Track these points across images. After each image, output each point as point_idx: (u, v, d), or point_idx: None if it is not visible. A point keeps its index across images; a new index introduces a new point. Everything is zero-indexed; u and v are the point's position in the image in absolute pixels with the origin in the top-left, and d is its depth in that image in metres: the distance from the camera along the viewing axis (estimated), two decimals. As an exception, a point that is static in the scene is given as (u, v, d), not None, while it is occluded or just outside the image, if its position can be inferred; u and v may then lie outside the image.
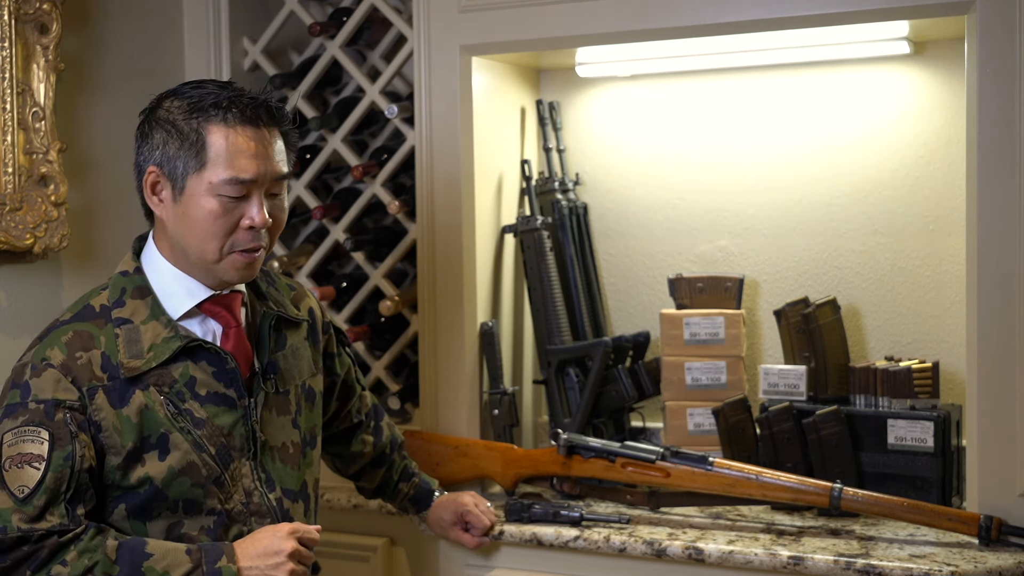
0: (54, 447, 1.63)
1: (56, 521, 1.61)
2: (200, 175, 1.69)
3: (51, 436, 1.63)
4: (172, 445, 1.70)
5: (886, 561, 1.97)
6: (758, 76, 2.57)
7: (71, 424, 1.65)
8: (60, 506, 1.62)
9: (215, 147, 1.69)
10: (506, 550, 2.29)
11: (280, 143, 1.75)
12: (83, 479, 1.64)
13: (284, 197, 1.79)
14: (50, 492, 1.61)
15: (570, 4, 2.34)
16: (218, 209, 1.70)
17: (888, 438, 2.24)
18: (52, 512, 1.61)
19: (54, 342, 1.70)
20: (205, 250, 1.72)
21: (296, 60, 2.86)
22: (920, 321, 2.46)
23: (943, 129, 2.42)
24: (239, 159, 1.69)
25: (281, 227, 1.79)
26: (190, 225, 1.72)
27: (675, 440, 2.47)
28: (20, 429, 1.64)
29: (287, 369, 1.86)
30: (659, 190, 2.67)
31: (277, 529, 1.72)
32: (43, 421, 1.64)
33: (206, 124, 1.69)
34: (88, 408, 1.67)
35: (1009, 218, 2.03)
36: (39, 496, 1.61)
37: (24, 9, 2.29)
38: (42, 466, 1.61)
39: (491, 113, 2.54)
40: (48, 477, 1.61)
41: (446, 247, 2.48)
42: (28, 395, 1.66)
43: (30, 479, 1.61)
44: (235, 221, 1.71)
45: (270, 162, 1.72)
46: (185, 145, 1.70)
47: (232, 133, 1.69)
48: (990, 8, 2.03)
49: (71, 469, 1.63)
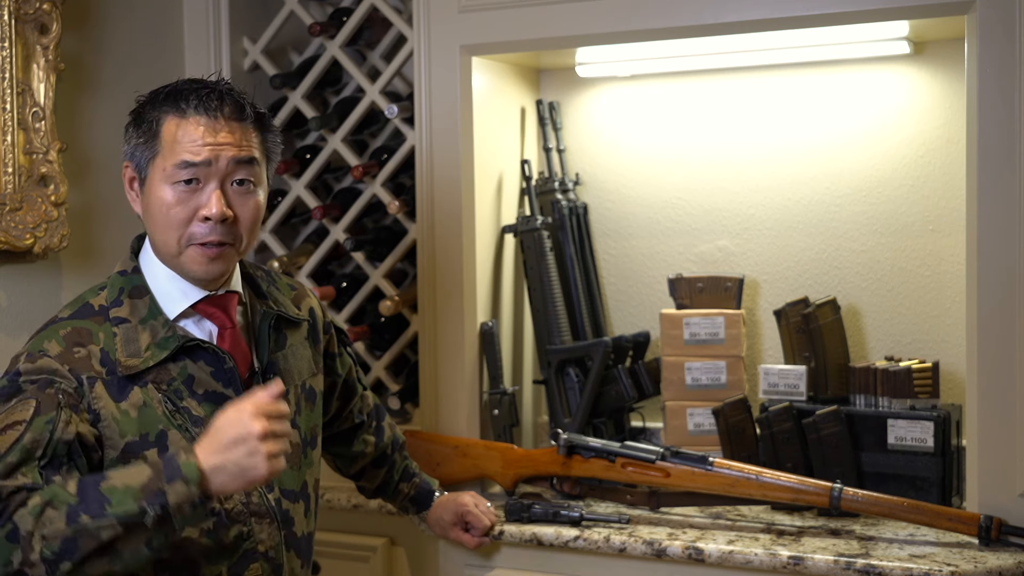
0: (38, 412, 1.59)
1: (27, 481, 1.54)
2: (155, 163, 1.70)
3: (37, 404, 1.59)
4: (171, 443, 1.69)
5: (886, 561, 1.97)
6: (758, 76, 2.57)
7: (61, 397, 1.61)
8: (33, 470, 1.55)
9: (168, 134, 1.69)
10: (506, 550, 2.29)
11: (243, 131, 1.72)
12: (60, 450, 1.58)
13: (258, 193, 1.75)
14: (25, 451, 1.55)
15: (570, 4, 2.34)
16: (172, 198, 1.69)
17: (888, 438, 2.24)
18: (25, 474, 1.54)
19: (51, 335, 1.69)
20: (166, 243, 1.72)
21: (296, 60, 2.86)
22: (920, 321, 2.46)
23: (943, 129, 2.42)
24: (190, 143, 1.68)
25: (252, 224, 1.74)
26: (152, 217, 1.72)
27: (675, 440, 2.47)
28: (12, 407, 1.60)
29: (287, 369, 1.85)
30: (659, 190, 2.67)
31: (239, 412, 1.55)
32: (34, 393, 1.61)
33: (162, 115, 1.70)
34: (86, 396, 1.65)
35: (1009, 218, 2.03)
36: (13, 453, 1.55)
37: (24, 9, 2.29)
38: (23, 428, 1.57)
39: (491, 113, 2.54)
40: (26, 437, 1.56)
41: (446, 247, 2.48)
42: (19, 377, 1.64)
43: (8, 440, 1.56)
44: (192, 212, 1.69)
45: (225, 147, 1.69)
46: (145, 136, 1.71)
47: (184, 121, 1.69)
48: (990, 8, 2.03)
49: (50, 434, 1.57)
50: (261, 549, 1.75)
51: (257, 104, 1.77)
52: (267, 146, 1.78)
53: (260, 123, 1.76)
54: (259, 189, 1.76)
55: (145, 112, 1.73)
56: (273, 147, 1.80)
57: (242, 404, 1.57)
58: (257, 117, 1.75)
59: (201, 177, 1.69)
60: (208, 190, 1.69)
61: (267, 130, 1.78)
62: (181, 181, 1.68)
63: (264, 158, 1.77)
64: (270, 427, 1.54)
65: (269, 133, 1.79)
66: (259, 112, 1.76)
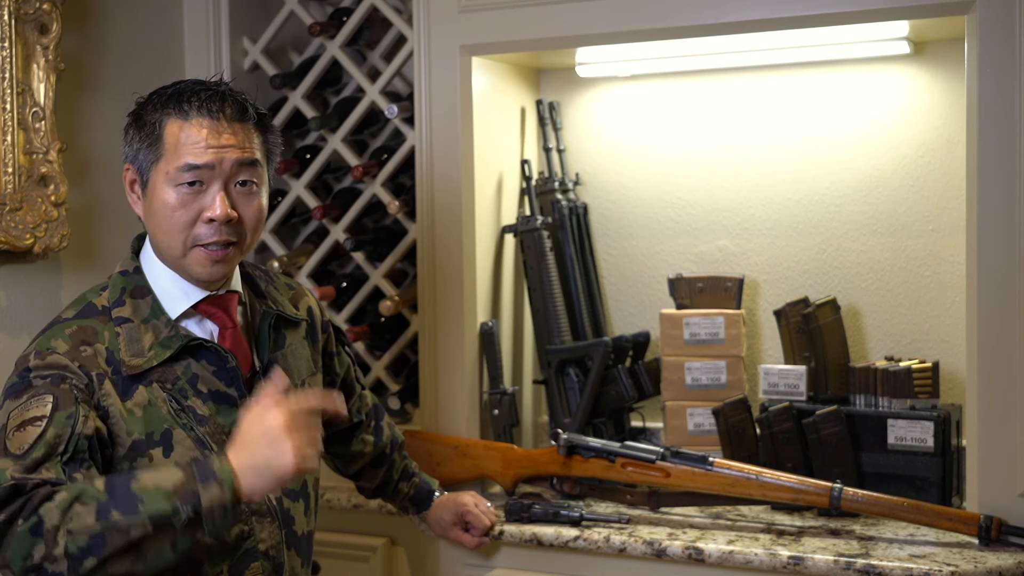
0: (57, 407, 1.59)
1: (51, 476, 1.55)
2: (158, 166, 1.70)
3: (55, 399, 1.60)
4: (176, 441, 1.69)
5: (886, 561, 1.97)
6: (758, 76, 2.57)
7: (76, 392, 1.62)
8: (56, 465, 1.56)
9: (170, 136, 1.69)
10: (506, 550, 2.29)
11: (245, 133, 1.72)
12: (82, 445, 1.59)
13: (261, 193, 1.76)
14: (48, 446, 1.56)
15: (570, 4, 2.34)
16: (176, 201, 1.69)
17: (888, 438, 2.24)
18: (48, 469, 1.55)
19: (58, 334, 1.69)
20: (171, 245, 1.72)
21: (296, 60, 2.86)
22: (920, 321, 2.46)
23: (943, 129, 2.42)
24: (193, 146, 1.68)
25: (256, 224, 1.76)
26: (155, 219, 1.72)
27: (675, 440, 2.47)
28: (26, 403, 1.61)
29: (287, 368, 1.85)
30: (659, 190, 2.67)
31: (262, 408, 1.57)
32: (48, 389, 1.61)
33: (164, 117, 1.70)
34: (96, 392, 1.65)
35: (1009, 218, 2.04)
36: (37, 448, 1.55)
37: (24, 9, 2.29)
38: (43, 423, 1.57)
39: (491, 113, 2.54)
40: (49, 432, 1.57)
41: (446, 247, 2.48)
42: (30, 373, 1.64)
43: (31, 437, 1.57)
44: (195, 214, 1.70)
45: (228, 149, 1.69)
46: (147, 138, 1.71)
47: (187, 123, 1.69)
48: (990, 8, 2.04)
49: (72, 429, 1.58)
50: (262, 548, 1.75)
51: (258, 105, 1.77)
52: (268, 147, 1.79)
53: (262, 124, 1.77)
54: (262, 189, 1.76)
55: (146, 114, 1.73)
56: (274, 147, 1.81)
57: (264, 399, 1.58)
58: (259, 118, 1.76)
59: (205, 179, 1.69)
60: (212, 192, 1.70)
61: (268, 131, 1.79)
62: (185, 183, 1.69)
63: (265, 159, 1.77)
64: (292, 419, 1.55)
65: (270, 134, 1.79)
66: (260, 113, 1.77)
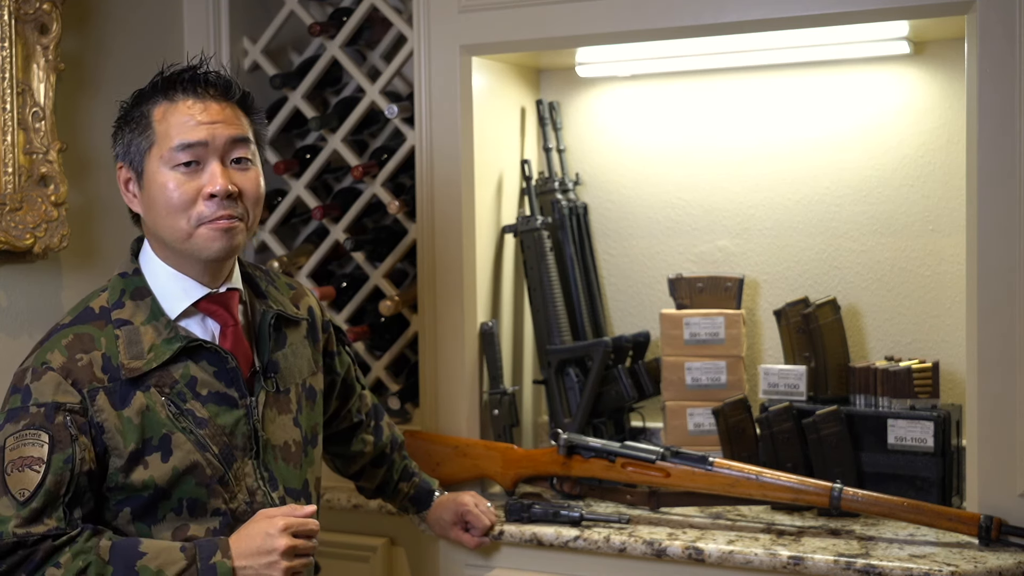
0: (54, 450, 1.63)
1: (53, 525, 1.61)
2: (151, 153, 1.71)
3: (51, 439, 1.63)
4: (175, 446, 1.70)
5: (886, 561, 1.97)
6: (758, 76, 2.57)
7: (71, 427, 1.65)
8: (58, 509, 1.62)
9: (160, 121, 1.71)
10: (506, 550, 2.29)
11: (232, 110, 1.75)
12: (82, 482, 1.64)
13: (256, 169, 1.77)
14: (49, 495, 1.61)
15: (570, 4, 2.34)
16: (173, 182, 1.70)
17: (888, 438, 2.24)
18: (50, 516, 1.61)
19: (54, 345, 1.70)
20: (175, 229, 1.72)
21: (296, 60, 2.86)
22: (920, 321, 2.46)
23: (943, 129, 2.42)
24: (183, 125, 1.70)
25: (256, 198, 1.76)
26: (155, 207, 1.72)
27: (675, 440, 2.47)
28: (21, 433, 1.64)
29: (287, 368, 1.85)
30: (659, 190, 2.67)
31: (271, 524, 1.68)
32: (43, 424, 1.64)
33: (151, 106, 1.73)
34: (89, 410, 1.67)
35: (1009, 218, 2.03)
36: (38, 499, 1.61)
37: (24, 9, 2.29)
38: (42, 469, 1.61)
39: (491, 113, 2.54)
40: (48, 480, 1.61)
41: (446, 247, 2.48)
42: (29, 399, 1.66)
43: (30, 482, 1.61)
44: (195, 192, 1.70)
45: (219, 125, 1.72)
46: (136, 128, 1.73)
47: (174, 105, 1.72)
48: (990, 8, 2.04)
49: (71, 472, 1.63)
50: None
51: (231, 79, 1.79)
52: (255, 128, 1.80)
53: (245, 104, 1.78)
54: (257, 166, 1.78)
55: (132, 110, 1.75)
56: (260, 129, 1.82)
57: (274, 516, 1.69)
58: (243, 95, 1.78)
59: (200, 158, 1.71)
60: (209, 168, 1.71)
61: (252, 111, 1.80)
62: (181, 164, 1.70)
63: (255, 139, 1.79)
64: (294, 544, 1.67)
65: (255, 115, 1.81)
66: (244, 91, 1.79)
